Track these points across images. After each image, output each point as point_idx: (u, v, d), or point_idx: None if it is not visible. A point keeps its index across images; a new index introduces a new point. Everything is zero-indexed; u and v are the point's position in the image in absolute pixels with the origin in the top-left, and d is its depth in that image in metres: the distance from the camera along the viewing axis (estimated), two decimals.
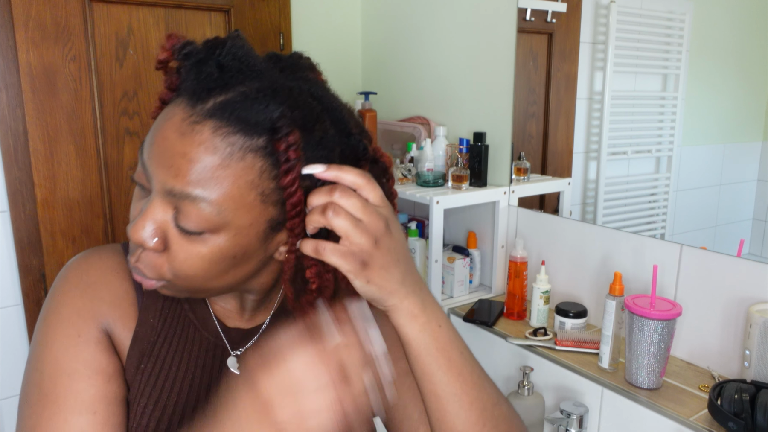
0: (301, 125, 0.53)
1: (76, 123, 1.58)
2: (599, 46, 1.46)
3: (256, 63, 0.55)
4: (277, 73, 0.56)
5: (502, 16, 1.55)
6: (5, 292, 1.57)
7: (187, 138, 0.51)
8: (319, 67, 0.64)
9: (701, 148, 1.35)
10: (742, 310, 1.10)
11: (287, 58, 0.60)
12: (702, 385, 1.11)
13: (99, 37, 1.59)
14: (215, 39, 0.54)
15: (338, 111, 0.57)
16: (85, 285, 0.64)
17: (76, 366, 0.60)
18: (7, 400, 1.61)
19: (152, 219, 0.53)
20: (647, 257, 1.26)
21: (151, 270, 0.56)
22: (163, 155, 0.52)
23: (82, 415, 0.59)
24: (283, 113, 0.51)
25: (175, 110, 0.53)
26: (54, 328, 0.62)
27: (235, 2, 1.78)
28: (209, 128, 0.51)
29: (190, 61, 0.53)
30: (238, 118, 0.51)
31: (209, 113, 0.51)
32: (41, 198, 1.55)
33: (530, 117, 1.58)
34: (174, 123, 0.52)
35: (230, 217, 0.52)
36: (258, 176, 0.52)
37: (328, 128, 0.56)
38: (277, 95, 0.52)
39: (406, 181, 1.68)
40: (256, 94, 0.52)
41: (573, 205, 1.52)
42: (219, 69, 0.52)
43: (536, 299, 1.38)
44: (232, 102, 0.51)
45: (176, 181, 0.51)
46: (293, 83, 0.55)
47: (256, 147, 0.51)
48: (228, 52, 0.53)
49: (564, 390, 1.23)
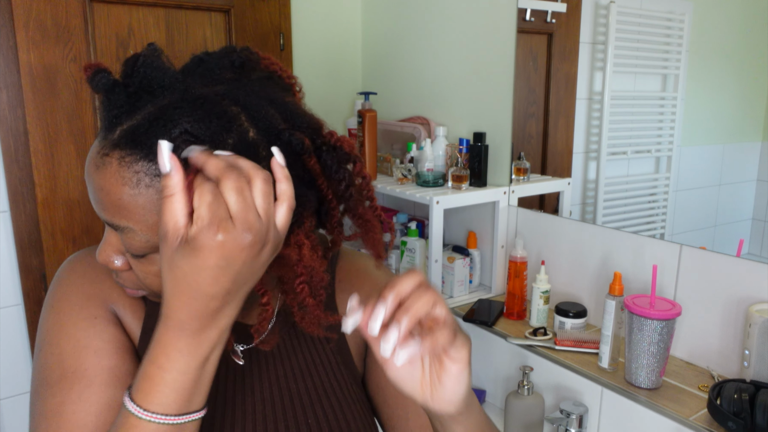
0: (207, 137, 0.50)
1: (76, 123, 1.58)
2: (599, 47, 1.46)
3: (167, 78, 0.53)
4: (191, 82, 0.54)
5: (502, 16, 1.55)
6: (6, 292, 1.57)
7: (100, 171, 0.52)
8: (255, 58, 0.58)
9: (701, 148, 1.36)
10: (741, 309, 1.11)
11: (210, 60, 0.57)
12: (701, 385, 1.11)
13: (99, 38, 1.59)
14: (129, 59, 0.54)
15: (259, 109, 0.53)
16: (92, 275, 0.65)
17: (100, 344, 0.60)
18: (7, 400, 1.61)
19: (109, 244, 0.57)
20: (647, 257, 1.26)
21: (129, 283, 0.59)
22: (90, 189, 0.54)
23: (116, 388, 0.59)
24: (183, 130, 0.49)
25: (94, 144, 0.54)
26: (67, 313, 0.62)
27: (235, 2, 1.78)
28: (116, 159, 0.51)
29: (102, 91, 0.53)
30: (139, 144, 0.50)
31: (114, 144, 0.51)
32: (42, 198, 1.56)
33: (530, 117, 1.58)
34: (91, 158, 0.53)
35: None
36: None
37: (247, 131, 0.51)
38: (179, 110, 0.50)
39: (406, 181, 1.68)
40: (158, 113, 0.50)
41: (573, 205, 1.52)
42: (127, 95, 0.52)
43: (536, 299, 1.38)
44: (135, 127, 0.51)
45: (104, 213, 0.53)
46: (206, 90, 0.53)
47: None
48: (137, 73, 0.52)
49: (564, 390, 1.23)
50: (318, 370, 0.70)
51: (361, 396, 0.73)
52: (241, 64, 0.57)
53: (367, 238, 0.60)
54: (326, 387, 0.70)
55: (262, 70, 0.58)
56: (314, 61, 2.02)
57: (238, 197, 0.45)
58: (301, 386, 0.68)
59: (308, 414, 0.67)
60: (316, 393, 0.69)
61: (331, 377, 0.70)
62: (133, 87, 0.52)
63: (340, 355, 0.72)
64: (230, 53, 0.57)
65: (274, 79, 0.59)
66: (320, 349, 0.71)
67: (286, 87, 0.60)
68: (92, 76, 0.53)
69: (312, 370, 0.70)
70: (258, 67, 0.58)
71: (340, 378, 0.71)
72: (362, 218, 0.60)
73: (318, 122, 0.57)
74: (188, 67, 0.57)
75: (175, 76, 0.53)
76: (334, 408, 0.69)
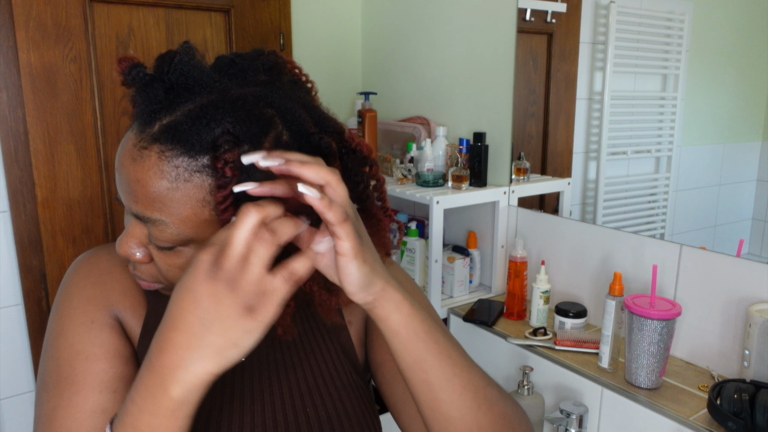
0: (247, 138, 0.52)
1: (76, 123, 1.58)
2: (599, 47, 1.46)
3: (204, 77, 0.54)
4: (228, 83, 0.56)
5: (502, 16, 1.55)
6: (6, 292, 1.57)
7: (137, 164, 0.53)
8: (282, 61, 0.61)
9: (701, 148, 1.36)
10: (741, 309, 1.11)
11: (242, 62, 0.59)
12: (701, 385, 1.11)
13: (99, 38, 1.59)
14: (164, 55, 0.55)
15: (293, 112, 0.55)
16: (96, 276, 0.66)
17: (92, 349, 0.62)
18: (7, 400, 1.61)
19: (132, 236, 0.58)
20: (647, 257, 1.26)
21: (147, 276, 0.61)
22: (123, 181, 0.55)
23: (102, 393, 0.60)
24: (225, 129, 0.51)
25: (128, 136, 0.55)
26: (68, 317, 0.64)
27: (235, 2, 1.78)
28: (155, 152, 0.52)
29: (137, 85, 0.54)
30: (180, 140, 0.51)
31: (154, 137, 0.52)
32: (42, 198, 1.56)
33: (530, 117, 1.58)
34: (127, 149, 0.54)
35: (192, 233, 0.54)
36: (209, 193, 0.53)
37: (282, 134, 0.54)
38: (221, 110, 0.52)
39: (406, 181, 1.68)
40: (200, 111, 0.52)
41: (573, 205, 1.52)
42: (165, 90, 0.53)
43: (536, 299, 1.38)
44: (176, 123, 0.52)
45: (136, 206, 0.54)
46: (243, 91, 0.55)
47: (201, 167, 0.52)
48: (175, 69, 0.53)
49: (564, 390, 1.23)
50: (317, 359, 0.71)
51: (361, 384, 0.73)
52: (270, 67, 0.59)
53: (378, 236, 0.61)
54: (325, 375, 0.70)
55: (287, 74, 0.61)
56: (314, 61, 2.02)
57: (251, 257, 0.47)
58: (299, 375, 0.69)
59: (306, 402, 0.68)
60: (315, 381, 0.69)
61: (330, 366, 0.71)
62: (170, 82, 0.53)
63: (339, 343, 0.72)
64: (260, 56, 0.59)
65: (299, 83, 0.61)
66: (319, 338, 0.72)
67: (308, 91, 0.62)
68: (128, 69, 0.54)
69: (311, 359, 0.70)
70: (284, 70, 0.60)
71: (339, 366, 0.71)
72: (375, 218, 0.62)
73: (341, 126, 0.60)
74: (220, 67, 0.58)
75: (212, 75, 0.55)
76: (332, 396, 0.69)
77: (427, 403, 0.58)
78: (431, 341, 0.56)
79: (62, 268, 1.61)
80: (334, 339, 0.73)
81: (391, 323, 0.55)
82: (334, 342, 0.72)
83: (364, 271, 0.52)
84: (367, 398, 0.73)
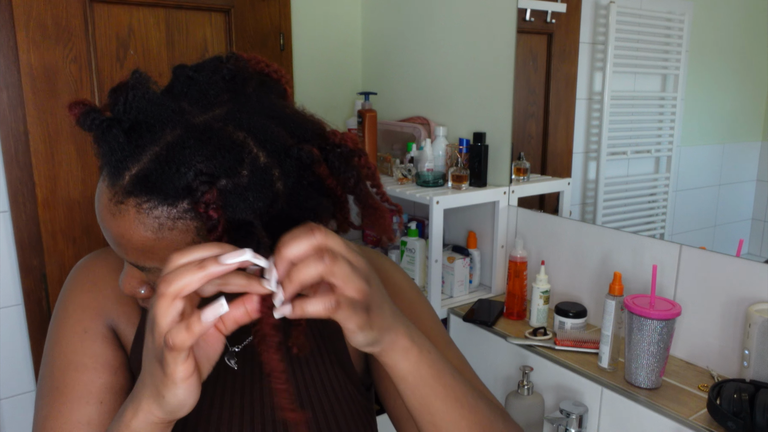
0: (223, 172, 0.49)
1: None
2: (599, 47, 1.46)
3: (163, 110, 0.51)
4: (189, 109, 0.53)
5: (502, 16, 1.55)
6: (6, 292, 1.57)
7: (117, 219, 0.52)
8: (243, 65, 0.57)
9: (700, 148, 1.36)
10: (741, 309, 1.11)
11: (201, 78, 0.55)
12: (701, 385, 1.11)
13: (99, 38, 1.60)
14: (116, 90, 0.52)
15: (264, 129, 0.52)
16: (91, 284, 0.67)
17: (83, 359, 0.63)
18: (8, 400, 1.61)
19: (132, 277, 0.58)
20: (647, 257, 1.26)
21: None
22: (108, 236, 0.54)
23: (89, 404, 0.62)
24: (198, 171, 0.48)
25: (102, 189, 0.53)
26: (62, 325, 0.65)
27: (235, 2, 1.78)
28: (132, 207, 0.50)
29: (95, 132, 0.51)
30: (154, 190, 0.49)
31: (127, 191, 0.50)
32: (42, 198, 1.56)
33: (530, 117, 1.58)
34: (104, 205, 0.53)
35: None
36: (196, 235, 0.51)
37: (257, 157, 0.51)
38: (188, 149, 0.49)
39: (406, 181, 1.68)
40: (167, 154, 0.49)
41: (572, 205, 1.52)
42: (125, 133, 0.50)
43: (536, 299, 1.38)
44: (146, 173, 0.49)
45: (127, 256, 0.54)
46: (207, 117, 0.52)
47: (182, 212, 0.50)
48: (130, 107, 0.50)
49: (564, 390, 1.23)
50: (311, 370, 0.70)
51: (357, 396, 0.72)
52: (232, 77, 0.56)
53: (378, 224, 0.60)
54: (318, 387, 0.69)
55: (252, 74, 0.57)
56: (314, 61, 2.02)
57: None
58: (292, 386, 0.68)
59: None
60: (307, 393, 0.69)
61: (324, 377, 0.70)
62: (128, 123, 0.50)
63: (335, 354, 0.71)
64: (218, 67, 0.56)
65: (267, 83, 0.58)
66: (315, 349, 0.71)
67: (279, 90, 0.59)
68: (82, 116, 0.51)
69: (304, 370, 0.70)
70: (249, 75, 0.57)
71: (334, 378, 0.70)
72: (371, 207, 0.60)
73: (320, 125, 0.57)
74: (177, 88, 0.55)
75: (171, 106, 0.52)
76: (324, 409, 0.69)
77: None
78: (439, 386, 0.55)
79: (62, 268, 1.61)
80: (330, 349, 0.71)
81: (397, 371, 0.54)
82: (330, 352, 0.71)
83: (371, 337, 0.49)
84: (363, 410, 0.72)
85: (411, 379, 0.54)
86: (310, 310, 0.45)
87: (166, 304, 0.44)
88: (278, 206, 0.52)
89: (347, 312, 0.46)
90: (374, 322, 0.49)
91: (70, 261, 1.62)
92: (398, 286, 0.74)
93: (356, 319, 0.47)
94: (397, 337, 0.52)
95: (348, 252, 0.48)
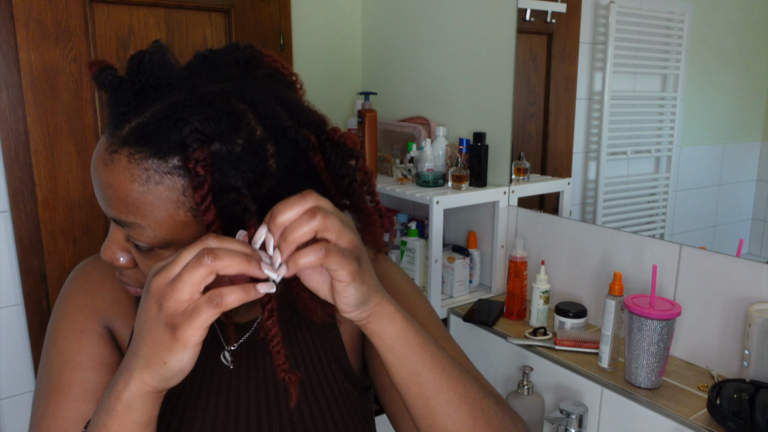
0: (217, 135, 0.51)
1: (76, 123, 1.58)
2: (599, 47, 1.46)
3: (173, 75, 0.53)
4: (198, 80, 0.54)
5: (502, 16, 1.55)
6: (6, 292, 1.57)
7: (108, 168, 0.52)
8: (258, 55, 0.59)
9: (700, 148, 1.36)
10: (741, 309, 1.11)
11: (215, 58, 0.57)
12: (701, 385, 1.11)
13: (99, 38, 1.60)
14: (135, 56, 0.54)
15: (266, 106, 0.54)
16: (89, 285, 0.68)
17: (80, 358, 0.63)
18: (7, 400, 1.61)
19: (115, 241, 0.58)
20: (647, 257, 1.26)
21: (132, 281, 0.61)
22: (97, 187, 0.54)
23: (86, 403, 0.62)
24: (193, 128, 0.50)
25: (101, 140, 0.55)
26: (60, 325, 0.66)
27: (235, 2, 1.78)
28: (125, 156, 0.51)
29: (108, 88, 0.53)
30: (149, 142, 0.51)
31: (123, 141, 0.52)
32: (42, 198, 1.56)
33: (530, 117, 1.58)
34: (99, 154, 0.54)
35: (169, 235, 0.54)
36: (182, 194, 0.52)
37: (255, 129, 0.53)
38: (188, 108, 0.51)
39: (406, 181, 1.68)
40: (167, 111, 0.51)
41: (572, 205, 1.52)
42: (134, 92, 0.52)
43: (536, 299, 1.38)
44: (144, 125, 0.51)
45: (112, 210, 0.54)
46: (213, 87, 0.54)
47: (172, 168, 0.51)
48: (144, 70, 0.52)
49: (564, 390, 1.23)
50: (307, 368, 0.69)
51: (354, 394, 0.72)
52: (245, 62, 0.58)
53: (368, 232, 0.60)
54: (314, 385, 0.69)
55: (265, 67, 0.59)
56: (314, 61, 2.02)
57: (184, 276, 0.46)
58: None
59: (293, 412, 0.67)
60: (303, 389, 0.68)
61: (321, 375, 0.70)
62: (139, 84, 0.52)
63: (331, 351, 0.71)
64: (234, 50, 0.58)
65: (277, 76, 0.60)
66: (311, 347, 0.71)
67: (289, 84, 0.61)
68: (97, 72, 0.53)
69: (301, 368, 0.69)
70: (261, 64, 0.59)
71: (330, 375, 0.70)
72: (363, 213, 0.60)
73: (322, 119, 0.58)
74: (193, 65, 0.57)
75: (182, 74, 0.54)
76: (321, 406, 0.68)
77: (423, 417, 0.56)
78: (426, 354, 0.55)
79: (62, 269, 1.61)
80: (326, 346, 0.71)
81: (385, 338, 0.54)
82: (326, 349, 0.71)
83: (362, 291, 0.50)
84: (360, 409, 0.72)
85: (398, 347, 0.54)
86: (302, 262, 0.46)
87: (203, 274, 0.45)
88: (268, 183, 0.53)
89: (338, 258, 0.47)
90: (365, 278, 0.50)
91: (70, 261, 1.62)
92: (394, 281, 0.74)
93: (348, 266, 0.48)
94: (383, 300, 0.53)
95: (338, 211, 0.50)
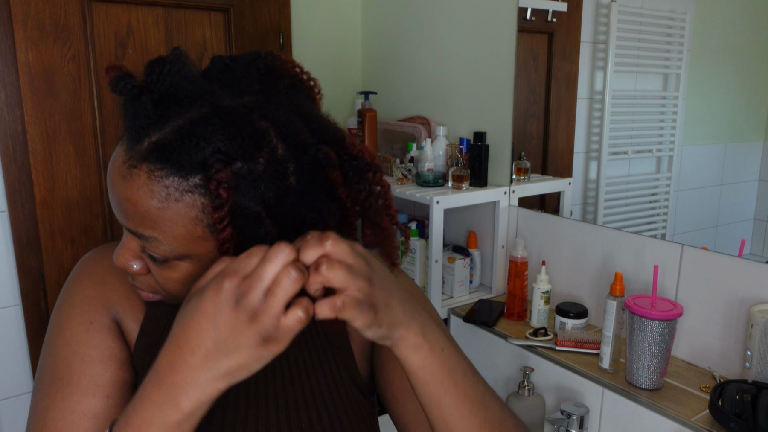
0: (239, 155, 0.51)
1: (75, 123, 1.57)
2: (600, 46, 1.45)
3: (194, 87, 0.53)
4: (220, 93, 0.54)
5: (503, 15, 1.55)
6: (4, 293, 1.57)
7: (127, 182, 0.52)
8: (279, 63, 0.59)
9: (702, 148, 1.35)
10: (743, 310, 1.10)
11: (236, 67, 0.57)
12: (703, 386, 1.11)
13: (98, 37, 1.59)
14: (154, 63, 0.53)
15: (288, 124, 0.54)
16: (99, 276, 0.67)
17: (89, 351, 0.62)
18: (7, 400, 1.61)
19: (128, 248, 0.58)
20: (648, 257, 1.25)
21: (145, 287, 0.60)
22: (114, 199, 0.54)
23: (95, 397, 0.60)
24: (216, 149, 0.50)
25: (118, 152, 0.54)
26: (67, 317, 0.64)
27: (234, 2, 1.77)
28: (145, 172, 0.51)
29: (126, 97, 0.53)
30: (170, 160, 0.50)
31: (143, 156, 0.51)
32: (40, 198, 1.55)
33: (530, 117, 1.58)
34: (117, 167, 0.53)
35: (186, 249, 0.54)
36: (201, 211, 0.52)
37: (276, 148, 0.52)
38: (211, 126, 0.50)
39: (406, 181, 1.68)
40: (190, 128, 0.50)
41: (573, 205, 1.52)
42: (153, 102, 0.52)
43: (536, 299, 1.37)
44: (165, 141, 0.51)
45: (128, 222, 0.54)
46: (235, 102, 0.53)
47: (192, 186, 0.51)
48: (164, 80, 0.52)
49: (564, 390, 1.23)
50: (316, 374, 0.69)
51: (362, 400, 0.72)
52: (266, 72, 0.57)
53: (384, 245, 0.60)
54: (323, 390, 0.69)
55: (286, 76, 0.59)
56: (314, 60, 2.02)
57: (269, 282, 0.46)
58: (297, 388, 0.68)
59: (302, 418, 0.67)
60: (312, 395, 0.68)
61: (330, 381, 0.69)
62: (158, 94, 0.52)
63: (341, 357, 0.71)
64: (255, 60, 0.58)
65: (298, 85, 0.60)
66: (320, 352, 0.70)
67: (309, 94, 0.61)
68: (115, 80, 0.52)
69: (310, 374, 0.69)
70: (282, 73, 0.59)
71: (339, 382, 0.70)
72: (379, 227, 0.60)
73: (341, 133, 0.58)
74: (212, 73, 0.57)
75: (202, 85, 0.54)
76: (329, 412, 0.68)
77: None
78: (450, 382, 0.56)
79: (61, 269, 1.60)
80: (336, 352, 0.71)
81: (408, 365, 0.55)
82: (336, 356, 0.71)
83: (379, 333, 0.51)
84: (367, 414, 0.72)
85: (421, 375, 0.55)
86: (318, 314, 0.47)
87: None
88: (288, 201, 0.53)
89: (353, 312, 0.48)
90: (382, 320, 0.51)
91: (68, 261, 1.61)
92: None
93: (362, 318, 0.49)
94: (407, 333, 0.54)
95: (348, 255, 0.49)
